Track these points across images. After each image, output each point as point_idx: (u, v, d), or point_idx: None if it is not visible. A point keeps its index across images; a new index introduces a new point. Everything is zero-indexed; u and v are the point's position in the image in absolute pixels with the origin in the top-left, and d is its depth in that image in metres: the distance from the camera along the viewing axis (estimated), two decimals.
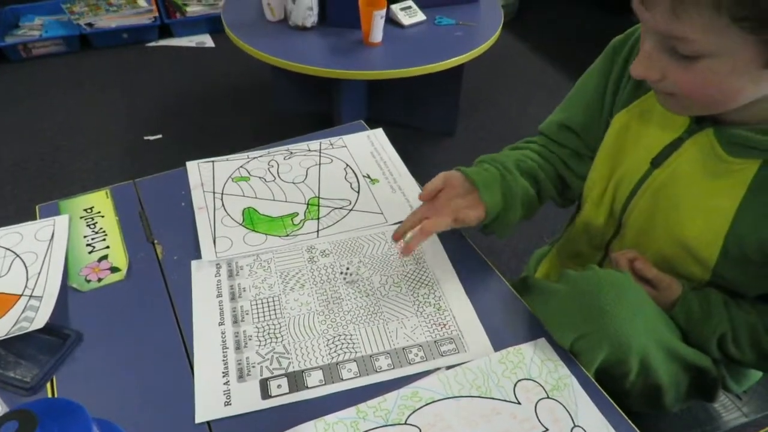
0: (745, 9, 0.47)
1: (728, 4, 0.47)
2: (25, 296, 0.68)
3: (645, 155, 0.69)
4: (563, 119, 0.82)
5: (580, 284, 0.64)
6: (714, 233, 0.63)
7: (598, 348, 0.61)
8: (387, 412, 0.59)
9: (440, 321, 0.68)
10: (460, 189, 0.75)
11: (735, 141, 0.60)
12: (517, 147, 0.86)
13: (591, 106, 0.78)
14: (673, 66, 0.55)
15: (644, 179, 0.69)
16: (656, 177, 0.68)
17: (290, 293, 0.72)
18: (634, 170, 0.70)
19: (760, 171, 0.59)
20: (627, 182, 0.72)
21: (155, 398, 0.60)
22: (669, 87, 0.58)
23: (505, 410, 0.59)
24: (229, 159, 0.93)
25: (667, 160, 0.67)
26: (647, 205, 0.70)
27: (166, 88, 2.45)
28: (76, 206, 0.83)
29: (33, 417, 0.29)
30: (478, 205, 0.74)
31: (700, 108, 0.61)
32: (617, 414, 0.59)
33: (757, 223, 0.60)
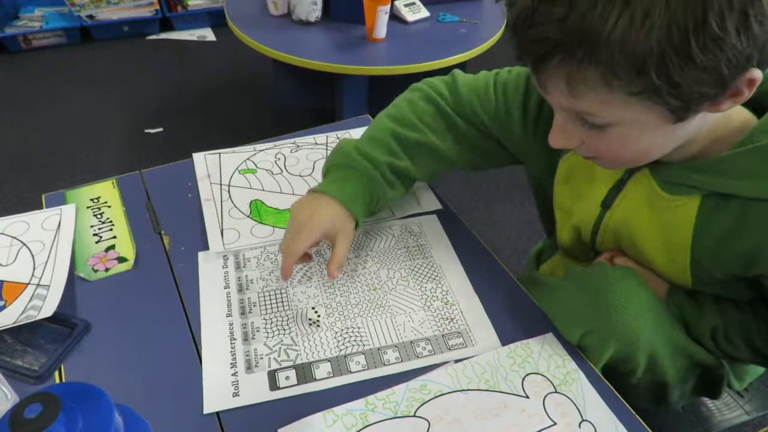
0: (635, 85, 0.47)
1: (619, 83, 0.47)
2: (33, 285, 0.68)
3: (595, 197, 0.69)
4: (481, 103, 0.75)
5: (588, 280, 0.64)
6: (679, 265, 0.63)
7: (606, 344, 0.61)
8: (396, 404, 0.59)
9: (448, 315, 0.68)
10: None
11: (671, 180, 0.60)
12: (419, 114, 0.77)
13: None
14: (586, 134, 0.56)
15: (599, 222, 0.69)
16: (610, 218, 0.68)
17: (298, 286, 0.71)
18: (589, 214, 0.70)
19: (702, 205, 0.59)
20: (585, 225, 0.72)
21: (163, 389, 0.60)
22: (589, 152, 0.59)
23: (513, 404, 0.59)
24: (235, 151, 0.92)
25: (615, 202, 0.67)
26: (612, 242, 0.70)
27: (167, 81, 2.44)
28: (83, 196, 0.83)
29: (56, 400, 0.29)
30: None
31: (625, 164, 0.62)
32: (625, 409, 0.59)
33: (714, 253, 0.60)
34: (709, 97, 0.48)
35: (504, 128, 0.75)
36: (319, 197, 0.71)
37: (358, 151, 0.73)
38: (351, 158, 0.73)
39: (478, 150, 0.78)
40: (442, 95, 0.76)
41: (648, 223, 0.64)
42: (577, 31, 0.45)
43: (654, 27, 0.42)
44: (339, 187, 0.72)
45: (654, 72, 0.45)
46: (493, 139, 0.77)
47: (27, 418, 0.28)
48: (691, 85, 0.46)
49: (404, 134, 0.75)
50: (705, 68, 0.44)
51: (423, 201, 0.84)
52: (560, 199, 0.76)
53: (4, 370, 0.59)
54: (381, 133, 0.75)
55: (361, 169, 0.72)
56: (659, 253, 0.64)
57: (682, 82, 0.45)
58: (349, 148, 0.74)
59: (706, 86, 0.46)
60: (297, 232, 0.68)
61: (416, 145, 0.75)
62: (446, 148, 0.76)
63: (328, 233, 0.70)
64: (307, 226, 0.68)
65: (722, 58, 0.44)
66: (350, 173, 0.73)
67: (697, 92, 0.47)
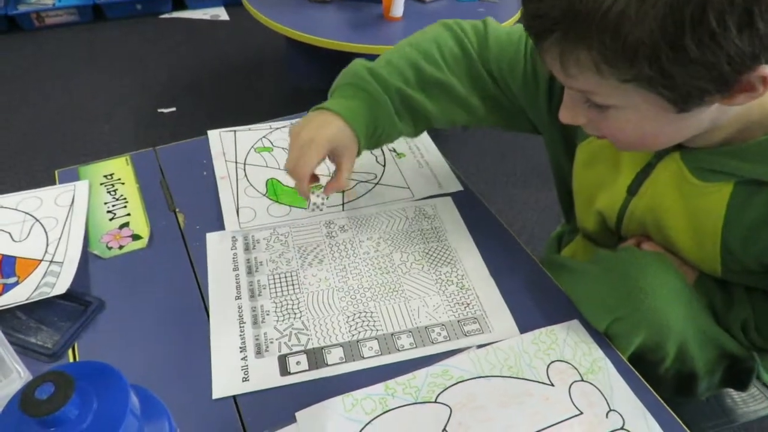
0: (626, 72, 0.45)
1: (609, 69, 0.46)
2: (46, 261, 0.67)
3: (621, 182, 0.66)
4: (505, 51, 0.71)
5: (617, 265, 0.61)
6: (709, 253, 0.60)
7: (635, 332, 0.59)
8: (416, 389, 0.57)
9: (463, 300, 0.66)
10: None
11: (702, 165, 0.58)
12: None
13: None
14: (591, 113, 0.55)
15: (625, 207, 0.67)
16: (636, 205, 0.65)
17: (308, 268, 0.70)
18: (613, 200, 0.68)
19: (734, 192, 0.56)
20: (609, 211, 0.69)
21: (178, 370, 0.59)
22: (597, 131, 0.57)
23: (537, 392, 0.57)
24: (251, 129, 0.90)
25: (642, 187, 0.64)
26: (638, 230, 0.68)
27: (180, 60, 2.42)
28: (96, 172, 0.81)
29: (69, 380, 0.28)
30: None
31: (637, 148, 0.60)
32: (654, 399, 0.57)
33: (745, 242, 0.57)
34: (711, 92, 0.46)
35: (529, 96, 0.72)
36: (321, 113, 0.67)
37: (370, 72, 0.68)
38: (360, 78, 0.68)
39: (499, 108, 0.74)
40: (470, 39, 0.72)
41: (677, 210, 0.61)
42: (572, 11, 0.43)
43: (648, 16, 0.41)
44: (344, 104, 0.67)
45: (646, 62, 0.43)
46: (515, 102, 0.73)
47: (38, 399, 0.27)
48: (686, 79, 0.44)
49: (425, 68, 0.70)
50: (701, 63, 0.42)
51: (444, 182, 0.82)
52: (581, 184, 0.73)
53: (18, 348, 0.58)
54: (400, 60, 0.70)
55: (370, 90, 0.67)
56: (688, 240, 0.62)
57: (675, 74, 0.44)
58: (360, 68, 0.69)
59: (704, 81, 0.44)
60: (303, 150, 0.64)
61: (436, 83, 0.70)
62: (468, 96, 0.71)
63: (334, 150, 0.65)
64: (312, 143, 0.63)
65: (721, 54, 0.42)
66: (357, 92, 0.68)
67: (694, 86, 0.45)
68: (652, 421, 0.55)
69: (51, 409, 0.26)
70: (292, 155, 0.64)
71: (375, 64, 0.70)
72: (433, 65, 0.70)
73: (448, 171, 0.84)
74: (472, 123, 0.75)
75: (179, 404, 0.55)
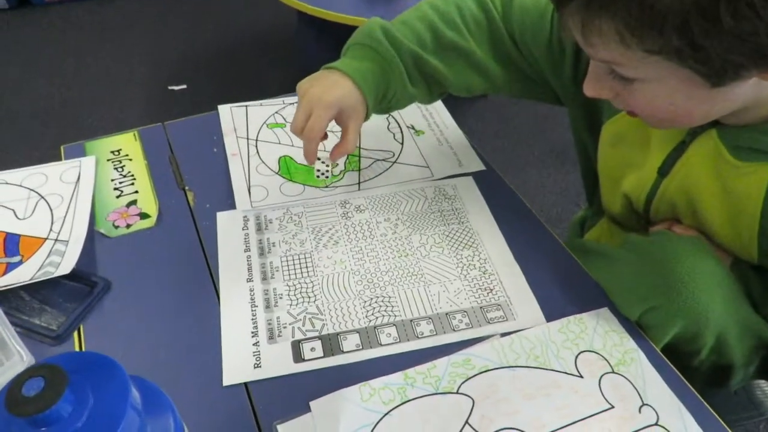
0: (653, 43, 0.42)
1: (634, 40, 0.42)
2: (51, 240, 0.64)
3: (651, 163, 0.62)
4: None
5: (653, 251, 0.57)
6: (745, 237, 0.57)
7: (671, 322, 0.55)
8: (437, 379, 0.54)
9: (486, 285, 0.63)
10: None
11: (741, 144, 0.54)
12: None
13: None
14: (617, 86, 0.52)
15: (655, 189, 0.63)
16: (667, 186, 0.61)
17: (323, 250, 0.66)
18: (642, 182, 0.64)
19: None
20: (637, 193, 0.65)
21: (186, 354, 0.56)
22: (625, 105, 0.54)
23: (565, 383, 0.54)
24: (263, 104, 0.87)
25: (674, 168, 0.60)
26: (668, 213, 0.64)
27: (191, 37, 2.38)
28: (103, 148, 0.79)
29: (61, 374, 0.25)
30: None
31: (667, 125, 0.56)
32: (690, 393, 0.54)
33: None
34: (747, 67, 0.42)
35: (553, 64, 0.67)
36: (331, 73, 0.64)
37: (384, 32, 0.65)
38: (373, 38, 0.65)
39: (521, 76, 0.70)
40: (494, 3, 0.68)
41: (711, 191, 0.58)
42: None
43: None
44: (354, 65, 0.64)
45: (675, 33, 0.40)
46: (538, 70, 0.69)
47: (26, 396, 0.24)
48: (720, 52, 0.40)
49: (443, 31, 0.66)
50: (736, 35, 0.39)
51: (465, 160, 0.78)
52: (606, 165, 0.69)
53: (21, 329, 0.56)
54: (417, 21, 0.67)
55: (382, 52, 0.65)
56: (723, 222, 0.58)
57: (707, 47, 0.40)
58: (375, 27, 0.66)
59: (739, 55, 0.41)
60: (310, 110, 0.62)
61: (454, 47, 0.66)
62: (488, 62, 0.68)
63: (342, 112, 0.64)
64: (320, 102, 0.62)
65: (760, 26, 0.38)
66: (369, 53, 0.65)
67: (728, 60, 0.41)
68: (689, 417, 0.52)
69: (40, 407, 0.24)
70: (300, 114, 0.62)
71: (391, 24, 0.67)
72: (452, 29, 0.67)
73: (469, 149, 0.80)
74: (490, 91, 0.72)
75: (187, 391, 0.53)
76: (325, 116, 0.62)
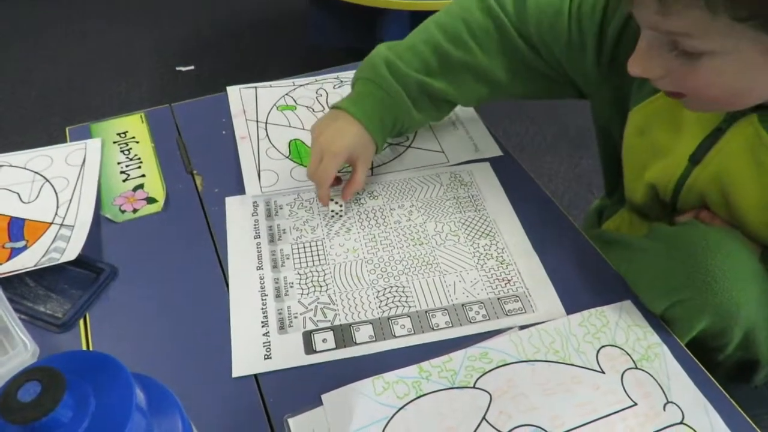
0: (747, 8, 0.39)
1: (724, 5, 0.39)
2: (56, 225, 0.63)
3: (682, 151, 0.59)
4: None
5: (681, 242, 0.55)
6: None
7: (698, 316, 0.53)
8: (453, 373, 0.52)
9: (504, 276, 0.61)
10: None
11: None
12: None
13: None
14: (674, 63, 0.48)
15: (685, 177, 0.60)
16: (698, 175, 0.58)
17: (335, 238, 0.64)
18: (672, 168, 0.61)
19: None
20: (664, 183, 0.62)
21: (195, 344, 0.55)
22: (672, 86, 0.51)
23: (586, 379, 0.52)
24: (272, 86, 0.84)
25: (707, 155, 0.57)
26: (698, 200, 0.61)
27: (199, 17, 2.34)
28: (109, 130, 0.76)
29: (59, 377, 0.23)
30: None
31: (716, 107, 0.53)
32: (716, 390, 0.52)
33: None
34: None
35: (574, 56, 0.65)
36: (339, 116, 0.66)
37: (388, 66, 0.66)
38: (377, 73, 0.66)
39: (538, 78, 0.69)
40: (505, 10, 0.67)
41: (748, 179, 0.55)
42: None
43: None
44: (360, 106, 0.66)
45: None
46: (558, 69, 0.67)
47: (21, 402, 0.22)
48: None
49: (449, 51, 0.66)
50: None
51: (481, 146, 0.75)
52: (632, 153, 0.66)
53: (25, 317, 0.54)
54: (423, 44, 0.67)
55: (385, 87, 0.66)
56: (758, 212, 0.55)
57: None
58: (379, 61, 0.67)
59: None
60: (321, 157, 0.64)
61: (461, 66, 0.67)
62: (498, 72, 0.67)
63: (350, 157, 0.66)
64: (330, 150, 0.64)
65: None
66: (373, 89, 0.67)
67: None
68: (715, 415, 0.50)
69: (37, 414, 0.22)
70: (312, 161, 0.65)
71: (395, 54, 0.67)
72: (459, 47, 0.66)
73: (486, 134, 0.77)
74: (501, 98, 0.72)
75: (196, 382, 0.51)
76: (334, 164, 0.64)
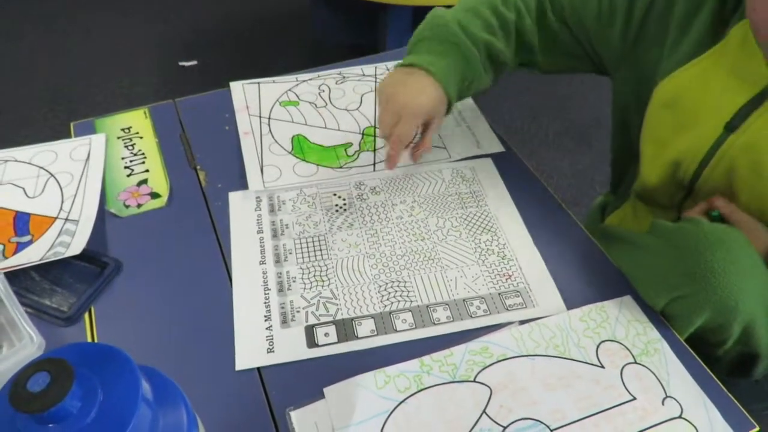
0: None
1: None
2: (61, 219, 0.63)
3: (717, 118, 0.59)
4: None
5: (681, 239, 0.55)
6: None
7: (698, 312, 0.53)
8: (454, 367, 0.53)
9: (505, 271, 0.61)
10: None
11: None
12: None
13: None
14: None
15: (717, 147, 0.59)
16: (732, 143, 0.58)
17: (337, 233, 0.65)
18: (704, 137, 0.60)
19: None
20: (694, 151, 0.61)
21: (198, 337, 0.55)
22: None
23: (586, 374, 0.52)
24: (275, 81, 0.84)
25: (745, 122, 0.57)
26: (723, 175, 0.60)
27: (202, 12, 2.34)
28: (113, 125, 0.77)
29: (67, 368, 0.23)
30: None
31: None
32: (714, 385, 0.52)
33: None
34: None
35: (603, 32, 0.67)
36: (417, 74, 0.64)
37: (460, 25, 0.66)
38: (451, 32, 0.66)
39: (566, 52, 0.71)
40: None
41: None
42: None
43: None
44: (437, 64, 0.65)
45: None
46: (586, 42, 0.69)
47: (31, 392, 0.23)
48: None
49: (504, 12, 0.68)
50: None
51: (483, 142, 0.76)
52: (655, 127, 0.66)
53: (31, 310, 0.55)
54: (482, 5, 0.68)
55: (461, 45, 0.65)
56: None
57: None
58: (448, 19, 0.66)
59: None
60: (399, 116, 0.62)
61: (515, 28, 0.68)
62: (535, 40, 0.69)
63: (429, 116, 0.65)
64: (410, 110, 0.62)
65: None
66: (449, 48, 0.65)
67: None
68: (713, 410, 0.50)
69: (47, 404, 0.22)
70: (387, 120, 0.63)
71: (461, 15, 0.67)
72: (511, 10, 0.68)
73: (488, 130, 0.77)
74: (535, 68, 0.74)
75: (199, 375, 0.52)
76: (414, 124, 0.63)
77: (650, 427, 0.49)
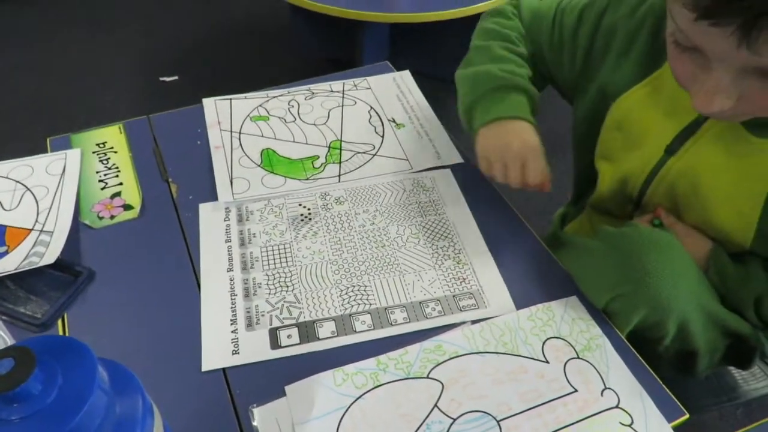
0: None
1: None
2: (36, 231, 0.66)
3: (658, 141, 0.63)
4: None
5: (620, 242, 0.59)
6: (746, 220, 0.58)
7: (635, 309, 0.57)
8: (408, 364, 0.56)
9: (460, 275, 0.65)
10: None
11: (762, 121, 0.54)
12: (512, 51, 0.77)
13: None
14: (752, 88, 0.47)
15: (659, 168, 0.64)
16: (672, 166, 0.63)
17: (302, 241, 0.68)
18: (647, 159, 0.65)
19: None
20: (638, 171, 0.66)
21: (167, 341, 0.58)
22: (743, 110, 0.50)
23: (532, 368, 0.56)
24: (247, 97, 0.88)
25: (682, 147, 0.61)
26: (666, 193, 0.65)
27: (183, 27, 2.37)
28: (88, 140, 0.80)
29: (30, 354, 0.26)
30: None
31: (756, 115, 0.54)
32: (651, 377, 0.56)
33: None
34: None
35: (555, 59, 0.74)
36: (509, 124, 0.69)
37: (503, 71, 0.72)
38: (503, 79, 0.71)
39: (540, 78, 0.77)
40: (514, 14, 0.77)
41: (721, 171, 0.59)
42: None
43: None
44: (514, 107, 0.70)
45: None
46: (543, 67, 0.76)
47: None
48: None
49: (514, 49, 0.75)
50: None
51: (443, 153, 0.80)
52: (607, 146, 0.71)
53: (6, 317, 0.58)
54: (497, 51, 0.74)
55: (520, 85, 0.71)
56: (725, 203, 0.59)
57: None
58: (493, 71, 0.72)
59: None
60: (524, 160, 0.67)
61: (526, 58, 0.76)
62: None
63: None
64: (530, 150, 0.67)
65: None
66: (511, 91, 0.71)
67: None
68: (648, 400, 0.54)
69: (11, 384, 0.25)
70: (516, 169, 0.67)
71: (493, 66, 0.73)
72: (514, 44, 0.76)
73: (448, 142, 0.81)
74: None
75: (167, 376, 0.55)
76: (542, 160, 0.68)
77: (590, 416, 0.53)
